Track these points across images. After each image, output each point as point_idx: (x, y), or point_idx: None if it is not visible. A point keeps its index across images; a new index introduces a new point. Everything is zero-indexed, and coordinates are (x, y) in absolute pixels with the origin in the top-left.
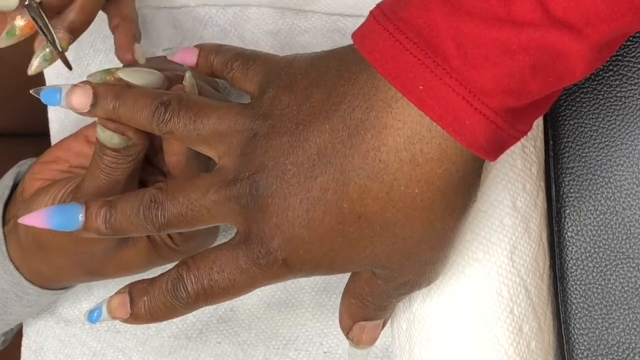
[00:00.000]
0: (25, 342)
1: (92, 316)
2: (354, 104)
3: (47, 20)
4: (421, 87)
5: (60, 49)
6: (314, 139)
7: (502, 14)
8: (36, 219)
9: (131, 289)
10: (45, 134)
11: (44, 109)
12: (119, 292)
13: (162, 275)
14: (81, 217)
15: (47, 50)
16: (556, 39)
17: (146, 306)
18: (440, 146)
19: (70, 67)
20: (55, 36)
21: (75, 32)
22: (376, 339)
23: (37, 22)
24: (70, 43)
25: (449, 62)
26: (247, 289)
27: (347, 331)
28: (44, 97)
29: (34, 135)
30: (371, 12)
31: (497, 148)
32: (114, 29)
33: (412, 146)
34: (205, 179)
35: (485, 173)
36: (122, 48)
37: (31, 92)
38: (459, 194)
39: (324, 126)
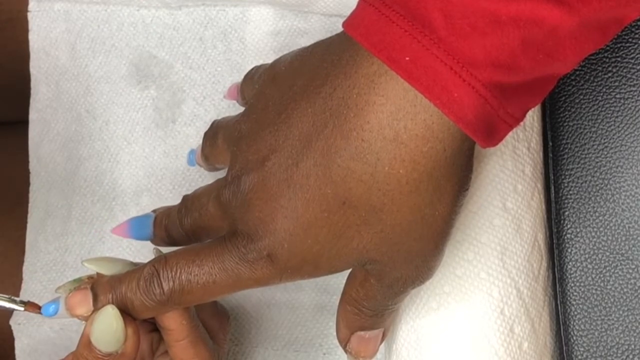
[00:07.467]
0: (17, 344)
1: (47, 309)
2: (335, 83)
3: None
4: (407, 58)
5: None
6: (296, 124)
7: None
8: (120, 230)
9: (94, 285)
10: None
11: (23, 97)
12: (79, 289)
13: (132, 271)
14: (151, 227)
15: None
16: (546, 12)
17: (111, 303)
18: (425, 122)
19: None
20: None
21: None
22: (375, 351)
23: None
24: None
25: (436, 32)
26: (227, 288)
27: (344, 343)
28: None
29: (10, 123)
30: None
31: (485, 127)
32: None
33: (395, 122)
34: (215, 183)
35: (474, 174)
36: None
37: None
38: (447, 177)
39: (306, 110)
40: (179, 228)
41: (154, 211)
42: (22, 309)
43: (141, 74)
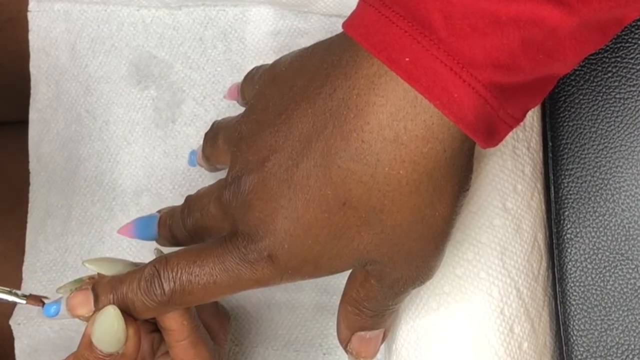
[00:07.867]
0: (17, 344)
1: (49, 310)
2: (335, 84)
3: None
4: (407, 59)
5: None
6: (296, 125)
7: None
8: (126, 231)
9: (95, 285)
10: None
11: (23, 97)
12: (80, 289)
13: (133, 271)
14: (156, 227)
15: None
16: (546, 13)
17: (112, 303)
18: (425, 123)
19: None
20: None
21: None
22: (376, 351)
23: None
24: None
25: (436, 32)
26: (228, 289)
27: (345, 343)
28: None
29: (10, 123)
30: None
31: (486, 127)
32: None
33: (395, 123)
34: (216, 183)
35: (474, 174)
36: None
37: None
38: (447, 177)
39: (307, 111)
40: (182, 228)
41: (159, 211)
42: (24, 302)
43: (141, 74)
